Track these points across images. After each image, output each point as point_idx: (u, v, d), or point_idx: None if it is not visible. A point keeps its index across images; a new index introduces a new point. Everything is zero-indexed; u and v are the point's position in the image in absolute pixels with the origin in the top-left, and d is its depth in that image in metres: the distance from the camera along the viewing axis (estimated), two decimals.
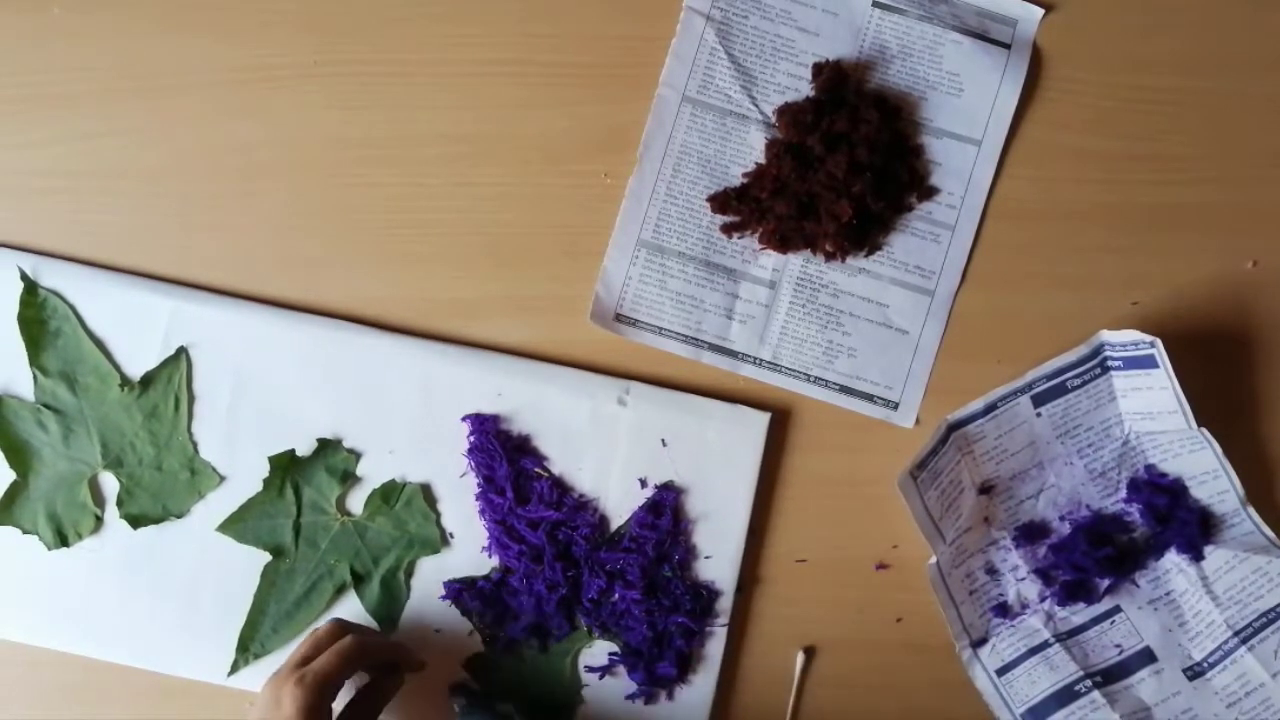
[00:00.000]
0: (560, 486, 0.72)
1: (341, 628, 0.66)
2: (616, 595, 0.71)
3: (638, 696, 0.71)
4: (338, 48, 0.74)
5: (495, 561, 0.72)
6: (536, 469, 0.72)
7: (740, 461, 0.72)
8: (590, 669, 0.72)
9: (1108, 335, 0.69)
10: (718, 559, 0.72)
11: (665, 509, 0.72)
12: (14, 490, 0.72)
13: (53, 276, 0.72)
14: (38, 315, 0.72)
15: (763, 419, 0.72)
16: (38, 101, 0.74)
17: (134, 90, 0.74)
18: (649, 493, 0.72)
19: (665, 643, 0.71)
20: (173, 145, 0.74)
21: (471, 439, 0.72)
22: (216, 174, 0.74)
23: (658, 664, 0.71)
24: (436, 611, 0.72)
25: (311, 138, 0.74)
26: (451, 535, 0.72)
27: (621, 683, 0.71)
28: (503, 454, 0.72)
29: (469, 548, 0.72)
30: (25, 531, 0.72)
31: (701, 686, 0.71)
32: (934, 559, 0.70)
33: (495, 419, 0.72)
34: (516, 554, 0.71)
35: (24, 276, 0.72)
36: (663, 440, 0.72)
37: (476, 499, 0.72)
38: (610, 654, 0.72)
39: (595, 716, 0.71)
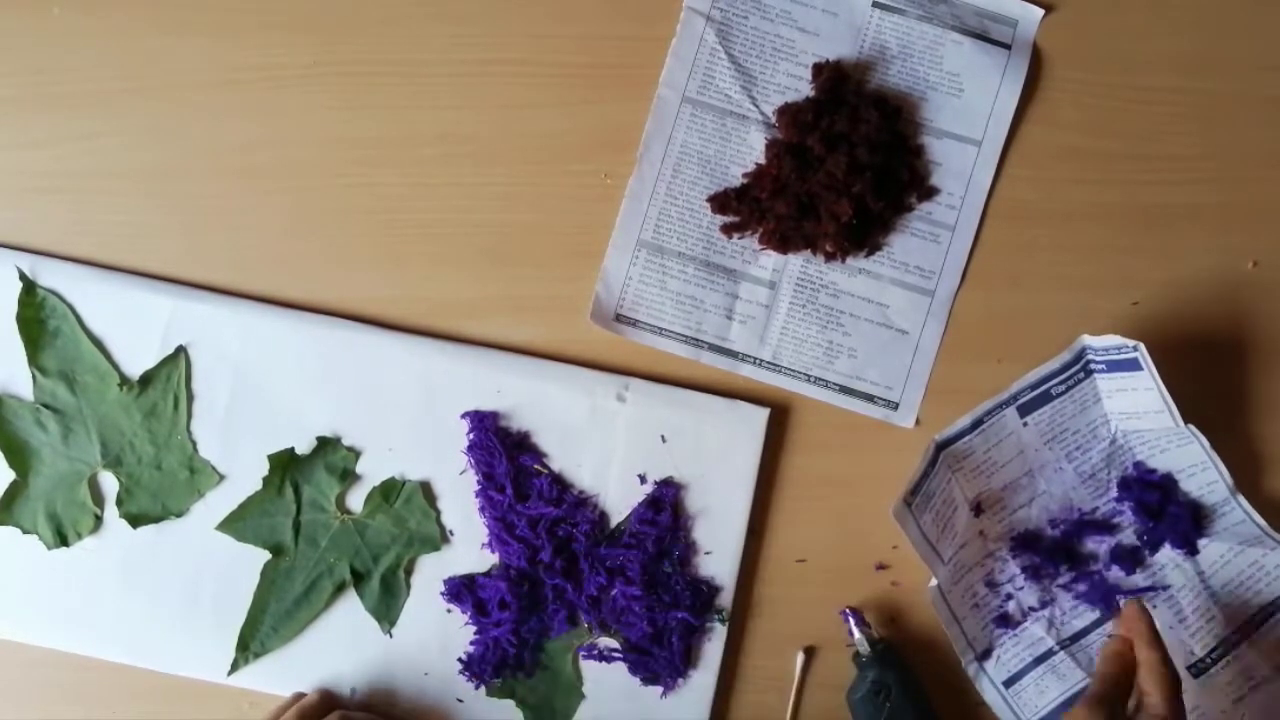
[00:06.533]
0: (560, 483, 0.72)
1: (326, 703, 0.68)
2: (616, 591, 0.71)
3: (641, 687, 0.71)
4: (338, 48, 0.74)
5: (495, 558, 0.72)
6: (536, 466, 0.72)
7: (740, 457, 0.72)
8: (588, 656, 0.72)
9: (1090, 340, 0.69)
10: (718, 555, 0.72)
11: (665, 505, 0.72)
12: (13, 490, 0.72)
13: (51, 276, 0.72)
14: (36, 315, 0.72)
15: (762, 414, 0.72)
16: (38, 101, 0.74)
17: (134, 90, 0.74)
18: (648, 489, 0.72)
19: (665, 639, 0.71)
20: (173, 145, 0.74)
21: (471, 436, 0.72)
22: (216, 174, 0.74)
23: (658, 660, 0.71)
24: (436, 609, 0.72)
25: (312, 138, 0.74)
26: (451, 533, 0.72)
27: (623, 679, 0.71)
28: (502, 451, 0.72)
29: (469, 545, 0.72)
30: (25, 531, 0.71)
31: (702, 682, 0.71)
32: (934, 581, 0.70)
33: (494, 416, 0.72)
34: (517, 551, 0.71)
35: (22, 276, 0.72)
36: (662, 436, 0.72)
37: (476, 496, 0.72)
38: (611, 650, 0.72)
39: (597, 714, 0.71)
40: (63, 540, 0.72)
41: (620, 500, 0.72)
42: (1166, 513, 0.72)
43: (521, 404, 0.72)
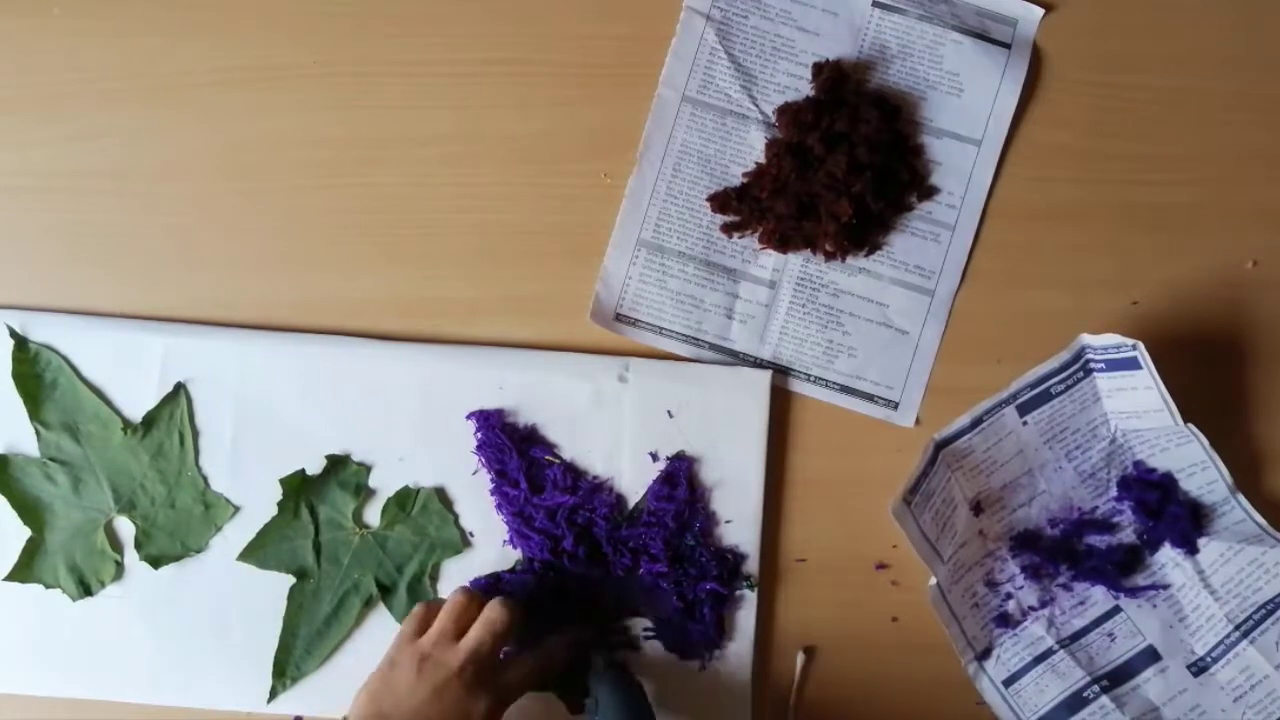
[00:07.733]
0: (573, 471, 0.72)
1: (473, 599, 0.66)
2: (642, 571, 0.71)
3: (680, 663, 0.71)
4: (338, 48, 0.74)
5: (519, 554, 0.72)
6: (547, 457, 0.72)
7: (747, 422, 0.72)
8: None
9: (1089, 339, 0.69)
10: (738, 522, 0.72)
11: (680, 479, 0.72)
12: (31, 547, 0.71)
13: (41, 330, 0.72)
14: (32, 370, 0.71)
15: (764, 376, 0.72)
16: (38, 101, 0.73)
17: (134, 90, 0.74)
18: (662, 465, 0.72)
19: (697, 612, 0.71)
20: (171, 145, 0.74)
21: (479, 435, 0.72)
22: (214, 173, 0.74)
23: (693, 634, 0.71)
24: None
25: (311, 138, 0.74)
26: (472, 534, 0.72)
27: (661, 657, 0.71)
28: (511, 446, 0.71)
29: (490, 544, 0.72)
30: (48, 586, 0.71)
31: (739, 651, 0.71)
32: (934, 580, 0.70)
33: (500, 413, 0.72)
34: (538, 544, 0.71)
35: (13, 333, 0.72)
36: (668, 411, 0.72)
37: (491, 494, 0.72)
38: (644, 629, 0.72)
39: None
40: (86, 590, 0.71)
41: (635, 480, 0.72)
42: (1166, 512, 0.72)
43: (525, 398, 0.72)
